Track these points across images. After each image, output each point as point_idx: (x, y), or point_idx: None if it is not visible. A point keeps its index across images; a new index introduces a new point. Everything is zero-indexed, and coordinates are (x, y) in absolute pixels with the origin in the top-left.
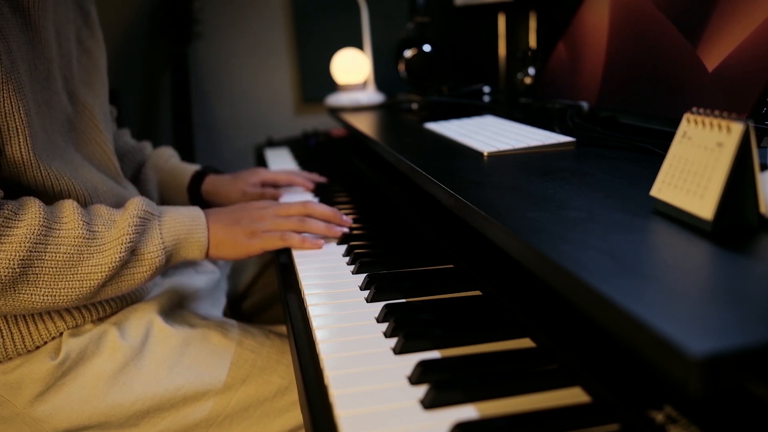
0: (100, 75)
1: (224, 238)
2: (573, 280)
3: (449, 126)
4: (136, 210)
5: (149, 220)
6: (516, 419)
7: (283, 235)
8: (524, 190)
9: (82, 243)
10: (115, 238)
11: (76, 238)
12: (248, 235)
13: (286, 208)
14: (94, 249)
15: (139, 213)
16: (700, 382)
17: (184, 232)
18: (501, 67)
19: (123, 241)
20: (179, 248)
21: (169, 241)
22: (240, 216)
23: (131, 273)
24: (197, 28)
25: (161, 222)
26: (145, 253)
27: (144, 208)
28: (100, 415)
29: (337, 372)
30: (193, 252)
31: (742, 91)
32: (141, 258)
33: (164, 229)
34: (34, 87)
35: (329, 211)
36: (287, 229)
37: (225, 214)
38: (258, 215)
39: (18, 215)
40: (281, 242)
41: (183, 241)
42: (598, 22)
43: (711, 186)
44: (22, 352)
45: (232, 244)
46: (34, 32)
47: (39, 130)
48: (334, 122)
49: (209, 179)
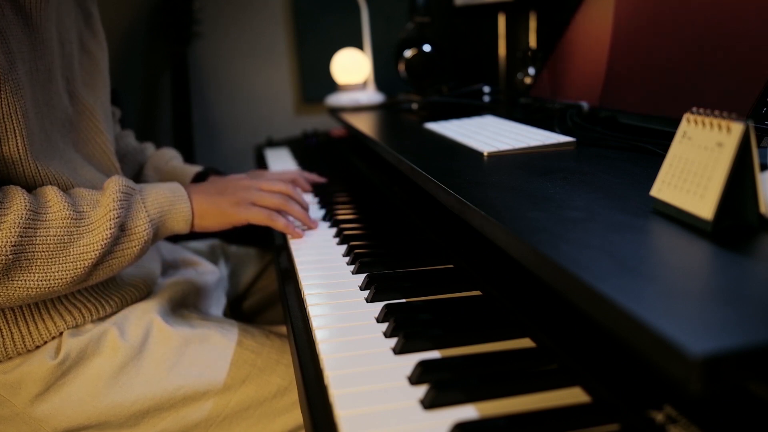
0: (102, 76)
1: (209, 208)
2: (573, 280)
3: (449, 126)
4: (117, 186)
5: (131, 195)
6: (516, 419)
7: (270, 214)
8: (524, 190)
9: (70, 224)
10: (102, 215)
11: (64, 219)
12: (233, 205)
13: (269, 184)
14: (84, 229)
15: (121, 188)
16: (700, 382)
17: (167, 204)
18: (501, 67)
19: (111, 217)
20: (164, 220)
21: (154, 214)
22: (223, 186)
23: (122, 249)
24: (197, 28)
25: (143, 196)
26: (132, 228)
27: (124, 184)
28: (100, 415)
29: (337, 372)
30: (178, 223)
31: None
32: (130, 233)
33: (147, 202)
34: (35, 87)
35: (305, 202)
36: (272, 205)
37: (207, 185)
38: (242, 185)
39: (3, 203)
40: (268, 220)
41: (167, 212)
42: (601, 22)
43: (711, 186)
44: (22, 351)
45: (218, 212)
46: (36, 33)
47: (37, 131)
48: (334, 122)
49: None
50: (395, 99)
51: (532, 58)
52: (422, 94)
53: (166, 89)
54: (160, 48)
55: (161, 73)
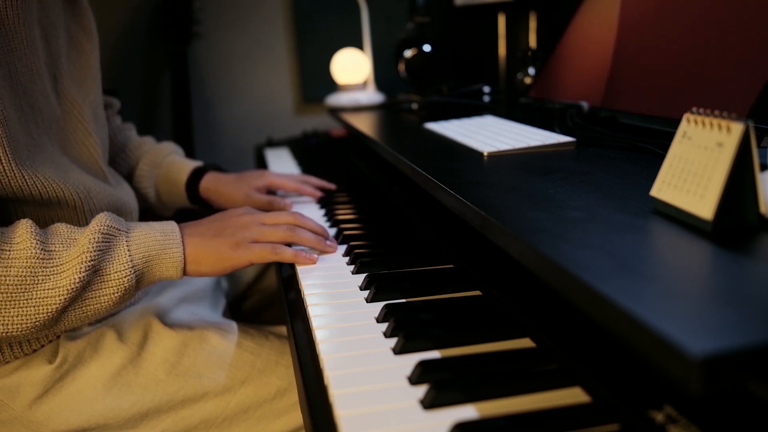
0: (92, 71)
1: (205, 253)
2: (573, 280)
3: (449, 126)
4: (99, 226)
5: (115, 236)
6: (516, 419)
7: (274, 248)
8: (524, 190)
9: (35, 264)
10: (73, 257)
11: (29, 258)
12: (233, 247)
13: (273, 216)
14: (50, 270)
15: (102, 229)
16: (700, 382)
17: (155, 249)
18: (501, 67)
19: (83, 260)
20: (151, 266)
21: (138, 259)
22: (221, 226)
23: (96, 296)
24: (197, 28)
25: (129, 238)
26: (110, 273)
27: (108, 224)
28: (99, 418)
29: (337, 372)
30: (167, 270)
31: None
32: (106, 278)
33: (132, 246)
34: (15, 91)
35: (318, 226)
36: (276, 240)
37: (204, 226)
38: (242, 223)
39: None
40: (272, 255)
41: (155, 258)
42: (601, 21)
43: (711, 186)
44: (19, 355)
45: (215, 257)
46: (13, 33)
47: (22, 136)
48: (334, 122)
49: (210, 176)
50: (395, 99)
51: (532, 58)
52: (422, 94)
53: (166, 89)
54: (160, 48)
55: (161, 73)
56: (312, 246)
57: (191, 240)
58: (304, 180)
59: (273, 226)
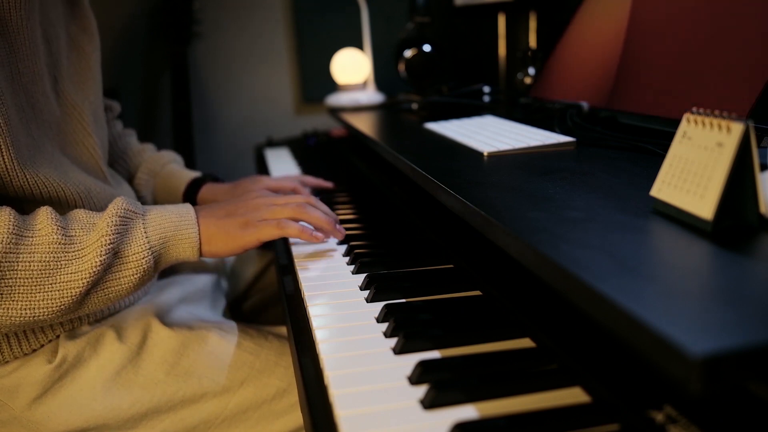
0: (92, 72)
1: (216, 233)
2: (573, 280)
3: (449, 126)
4: (116, 209)
5: (132, 219)
6: (516, 419)
7: (279, 222)
8: (524, 190)
9: (58, 249)
10: (94, 241)
11: (51, 244)
12: (242, 226)
13: (285, 198)
14: (72, 255)
15: (120, 212)
16: (700, 382)
17: (171, 230)
18: (501, 67)
19: (103, 243)
20: (168, 247)
21: (155, 240)
22: (233, 208)
23: (117, 278)
24: (197, 28)
25: (146, 220)
26: (129, 255)
27: (125, 207)
28: (98, 418)
29: (337, 372)
30: (184, 251)
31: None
32: (125, 260)
33: (149, 228)
34: (17, 92)
35: (328, 210)
36: (284, 216)
37: (217, 207)
38: (253, 205)
39: None
40: (278, 230)
41: (171, 239)
42: (601, 22)
43: (711, 186)
44: (18, 355)
45: (225, 237)
46: (15, 34)
47: (24, 137)
48: (334, 122)
49: (207, 188)
50: (395, 99)
51: (532, 58)
52: (422, 94)
53: (166, 89)
54: (160, 48)
55: (161, 72)
56: (320, 225)
57: (205, 221)
58: (300, 180)
59: (283, 204)
